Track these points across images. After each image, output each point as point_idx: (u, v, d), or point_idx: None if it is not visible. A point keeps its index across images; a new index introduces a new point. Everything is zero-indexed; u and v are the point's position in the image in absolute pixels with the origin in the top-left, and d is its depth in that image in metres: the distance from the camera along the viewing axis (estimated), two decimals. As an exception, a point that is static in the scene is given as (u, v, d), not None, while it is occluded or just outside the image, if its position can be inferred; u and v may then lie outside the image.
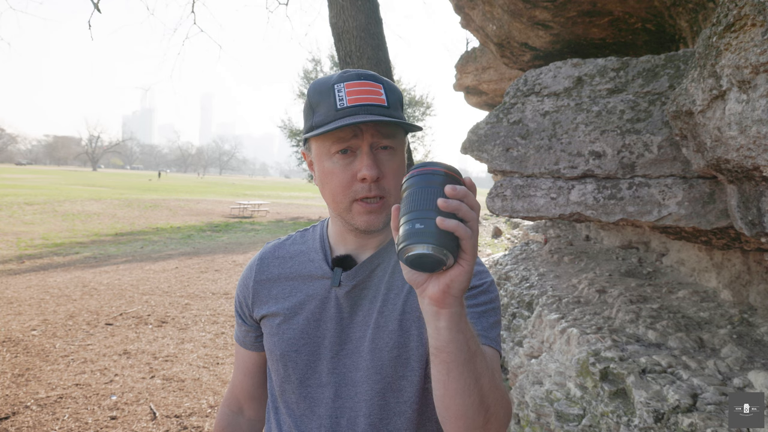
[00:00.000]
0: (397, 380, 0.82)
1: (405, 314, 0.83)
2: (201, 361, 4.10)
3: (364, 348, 0.83)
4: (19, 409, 3.13)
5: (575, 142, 2.29)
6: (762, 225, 1.60)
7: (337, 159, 0.78)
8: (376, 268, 0.87)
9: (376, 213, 0.79)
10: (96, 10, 7.22)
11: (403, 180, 0.61)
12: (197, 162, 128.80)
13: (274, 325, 0.89)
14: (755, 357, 2.17)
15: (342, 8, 4.22)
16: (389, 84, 0.82)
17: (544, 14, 3.89)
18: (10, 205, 15.15)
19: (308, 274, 0.90)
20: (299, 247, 0.95)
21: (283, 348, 0.87)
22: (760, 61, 1.30)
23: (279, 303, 0.90)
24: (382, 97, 0.78)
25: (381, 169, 0.78)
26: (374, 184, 0.77)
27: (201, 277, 7.35)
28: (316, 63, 18.84)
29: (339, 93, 0.77)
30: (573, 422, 2.20)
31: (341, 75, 0.79)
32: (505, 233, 14.80)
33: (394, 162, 0.80)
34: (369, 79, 0.79)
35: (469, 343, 0.63)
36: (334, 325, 0.85)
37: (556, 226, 7.48)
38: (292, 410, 0.88)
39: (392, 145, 0.79)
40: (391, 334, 0.83)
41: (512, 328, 4.22)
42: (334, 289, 0.86)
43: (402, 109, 0.84)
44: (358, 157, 0.77)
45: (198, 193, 30.27)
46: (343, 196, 0.79)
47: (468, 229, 0.55)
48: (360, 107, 0.76)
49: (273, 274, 0.93)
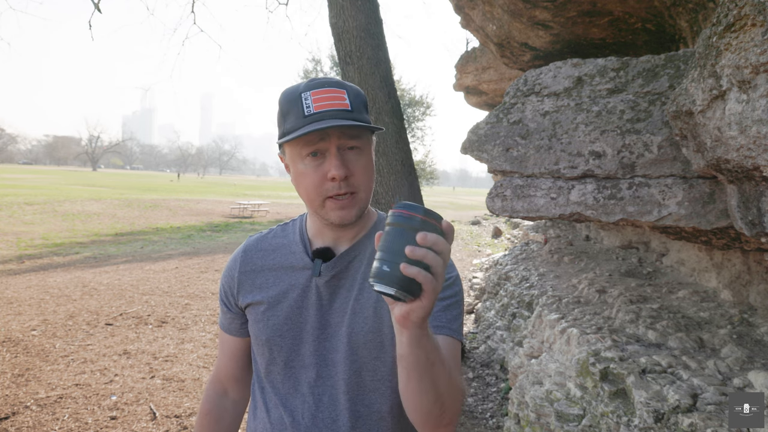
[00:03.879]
0: (372, 361, 0.91)
1: (380, 301, 0.92)
2: (201, 361, 4.10)
3: (342, 332, 0.92)
4: (19, 409, 3.13)
5: (575, 142, 2.29)
6: (762, 225, 1.60)
7: (308, 161, 0.86)
8: (353, 260, 0.95)
9: (348, 208, 0.87)
10: (96, 10, 7.21)
11: (389, 212, 0.68)
12: (197, 162, 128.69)
13: (258, 313, 0.96)
14: (755, 357, 2.17)
15: (342, 8, 4.22)
16: (353, 89, 0.89)
17: (544, 14, 3.88)
18: (10, 205, 15.15)
19: (290, 266, 0.97)
20: (281, 240, 1.02)
21: (268, 333, 0.95)
22: (760, 61, 1.30)
23: (263, 292, 0.97)
24: (345, 102, 0.85)
25: (349, 167, 0.85)
26: (343, 182, 0.85)
27: (201, 277, 7.35)
28: (316, 63, 18.81)
29: (306, 101, 0.84)
30: (573, 422, 2.20)
31: (308, 84, 0.87)
32: (505, 233, 14.80)
33: (362, 160, 0.87)
34: (333, 86, 0.86)
35: (428, 355, 0.72)
36: (315, 311, 0.94)
37: (556, 226, 7.47)
38: (277, 389, 0.96)
39: (358, 145, 0.87)
40: (367, 320, 0.91)
41: (512, 328, 4.22)
42: (315, 279, 0.94)
43: (366, 111, 0.91)
44: (327, 159, 0.85)
45: (198, 193, 30.26)
46: (316, 194, 0.87)
47: (429, 275, 0.61)
48: (325, 113, 0.83)
49: (257, 265, 1.00)
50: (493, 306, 5.11)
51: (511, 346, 4.01)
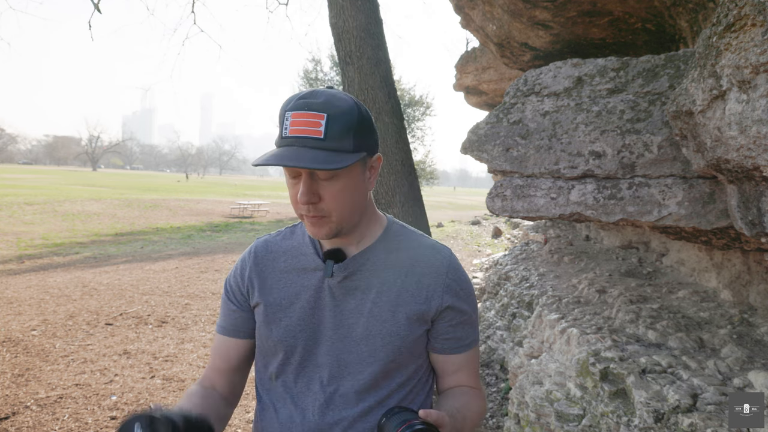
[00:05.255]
0: (388, 363, 0.93)
1: (398, 305, 0.94)
2: (201, 361, 4.10)
3: (358, 333, 0.93)
4: (19, 409, 3.13)
5: (575, 142, 2.29)
6: (762, 225, 1.60)
7: (288, 179, 0.89)
8: (365, 263, 0.96)
9: (318, 226, 0.89)
10: (96, 11, 7.21)
11: (384, 416, 0.81)
12: (197, 162, 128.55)
13: (269, 314, 0.98)
14: (755, 357, 2.17)
15: (342, 8, 4.22)
16: (336, 111, 0.84)
17: (544, 14, 3.88)
18: (10, 205, 15.15)
19: (302, 267, 0.99)
20: (290, 243, 1.04)
21: (281, 334, 0.96)
22: (760, 61, 1.30)
23: (274, 293, 0.98)
24: (319, 129, 0.83)
25: (318, 193, 0.86)
26: (312, 206, 0.86)
27: (201, 277, 7.35)
28: (316, 63, 18.81)
29: (286, 121, 0.85)
30: (573, 422, 2.20)
31: (295, 102, 0.85)
32: (505, 233, 14.80)
33: (334, 188, 0.86)
34: (313, 110, 0.83)
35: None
36: (329, 312, 0.95)
37: (556, 226, 7.47)
38: (289, 388, 0.97)
39: (330, 176, 0.86)
40: (385, 323, 0.93)
41: (512, 328, 4.22)
42: (327, 280, 0.95)
43: (352, 135, 0.86)
44: (299, 181, 0.86)
45: (198, 193, 30.26)
46: (295, 208, 0.90)
47: None
48: (295, 139, 0.83)
49: (267, 266, 1.01)
50: (493, 306, 5.11)
51: (511, 346, 4.01)
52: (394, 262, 0.97)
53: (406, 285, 0.95)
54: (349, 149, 0.85)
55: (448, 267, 0.98)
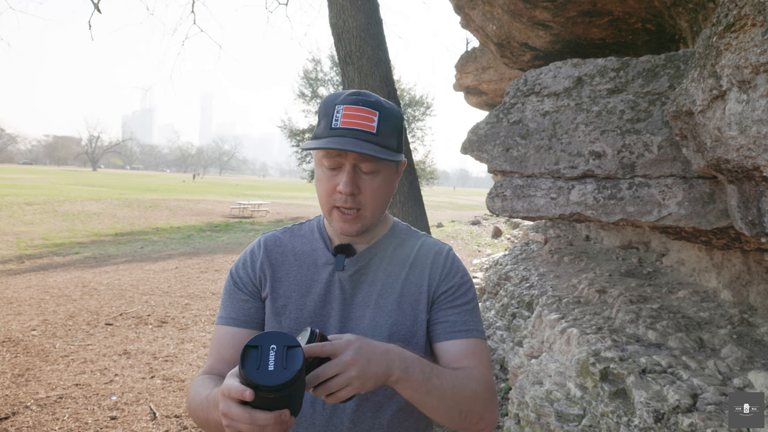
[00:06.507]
0: None
1: (402, 297, 0.98)
2: (201, 361, 4.10)
3: (365, 326, 0.96)
4: (19, 409, 3.13)
5: (575, 142, 2.29)
6: (762, 225, 1.60)
7: (326, 170, 0.91)
8: (373, 257, 1.01)
9: (351, 222, 0.92)
10: (96, 11, 7.21)
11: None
12: (197, 162, 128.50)
13: (279, 306, 1.00)
14: (755, 357, 2.17)
15: (342, 8, 4.22)
16: (387, 112, 0.91)
17: (544, 14, 3.88)
18: (10, 205, 15.15)
19: (312, 261, 1.02)
20: (299, 238, 1.06)
21: (290, 327, 0.98)
22: (760, 61, 1.30)
23: (285, 286, 1.01)
24: (372, 125, 0.88)
25: (359, 185, 0.90)
26: (350, 197, 0.90)
27: (201, 277, 7.35)
28: (316, 63, 18.82)
29: (337, 114, 0.88)
30: (573, 422, 2.20)
31: (346, 97, 0.90)
32: (505, 233, 14.80)
33: (374, 182, 0.91)
34: (367, 106, 0.88)
35: (413, 394, 0.82)
36: (338, 305, 0.98)
37: (556, 226, 7.47)
38: None
39: (374, 170, 0.90)
40: (390, 314, 0.96)
41: (512, 328, 4.22)
42: (338, 273, 0.99)
43: (397, 135, 0.93)
44: (341, 173, 0.90)
45: (198, 193, 30.26)
46: (326, 201, 0.93)
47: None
48: (348, 131, 0.86)
49: (278, 260, 1.03)
50: (493, 306, 5.10)
51: (511, 346, 4.01)
52: (399, 255, 1.02)
53: (409, 276, 1.00)
54: (394, 148, 0.91)
55: (446, 257, 1.03)
